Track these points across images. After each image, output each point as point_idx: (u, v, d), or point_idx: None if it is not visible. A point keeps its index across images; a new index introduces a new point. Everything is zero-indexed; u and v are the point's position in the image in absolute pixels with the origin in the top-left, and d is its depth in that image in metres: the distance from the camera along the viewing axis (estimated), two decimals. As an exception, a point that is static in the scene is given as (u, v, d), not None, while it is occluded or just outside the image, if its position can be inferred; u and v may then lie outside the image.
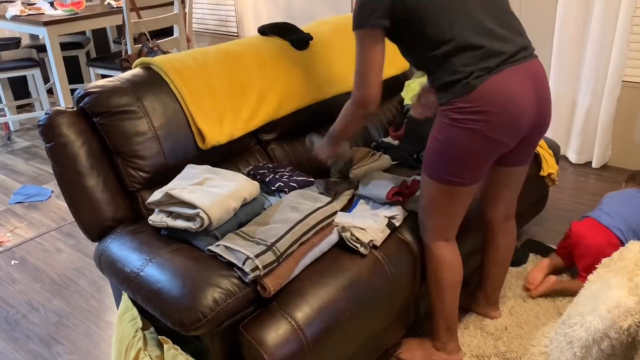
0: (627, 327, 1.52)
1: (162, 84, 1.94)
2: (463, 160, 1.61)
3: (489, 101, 1.53)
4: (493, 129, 1.56)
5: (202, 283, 1.48)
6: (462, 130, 1.57)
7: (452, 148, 1.60)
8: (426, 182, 1.73)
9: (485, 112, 1.54)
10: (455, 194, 1.69)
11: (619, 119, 3.29)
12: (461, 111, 1.56)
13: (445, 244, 1.80)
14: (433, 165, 1.67)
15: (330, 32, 2.46)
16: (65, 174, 1.80)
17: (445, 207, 1.73)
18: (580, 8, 3.16)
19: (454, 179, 1.65)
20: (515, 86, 1.55)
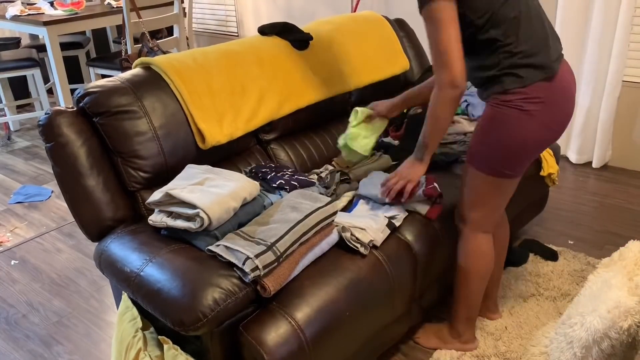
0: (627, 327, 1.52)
1: (162, 84, 1.94)
2: (523, 151, 1.63)
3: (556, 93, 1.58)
4: (558, 121, 1.61)
5: (202, 283, 1.48)
6: (531, 121, 1.58)
7: (515, 140, 1.60)
8: (475, 175, 1.72)
9: (553, 105, 1.58)
10: (504, 186, 1.72)
11: (619, 119, 3.29)
12: (533, 101, 1.56)
13: (483, 236, 1.83)
14: (487, 158, 1.67)
15: (330, 32, 2.46)
16: (65, 174, 1.80)
17: (492, 199, 1.75)
18: (580, 8, 3.16)
19: (507, 171, 1.67)
20: (571, 81, 1.64)
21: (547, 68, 1.56)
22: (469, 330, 1.97)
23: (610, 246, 2.62)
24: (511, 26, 1.54)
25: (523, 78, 1.55)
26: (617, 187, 3.17)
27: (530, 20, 1.56)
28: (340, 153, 2.39)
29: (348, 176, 2.15)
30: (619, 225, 2.79)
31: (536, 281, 2.36)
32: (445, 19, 1.51)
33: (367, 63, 2.53)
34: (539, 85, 1.56)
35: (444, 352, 1.99)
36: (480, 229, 1.82)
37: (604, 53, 3.15)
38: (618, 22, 3.03)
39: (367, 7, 4.08)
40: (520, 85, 1.56)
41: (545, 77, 1.56)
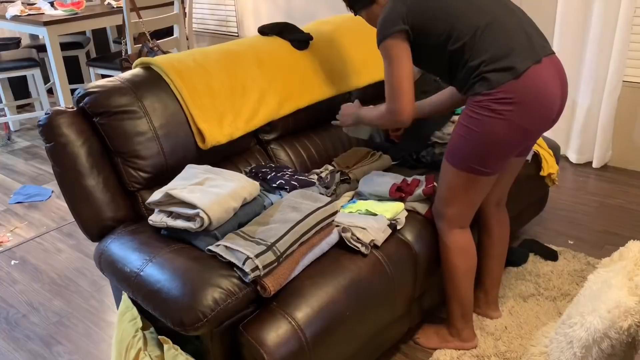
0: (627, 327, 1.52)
1: (162, 84, 1.94)
2: (494, 150, 1.65)
3: (529, 93, 1.59)
4: (530, 121, 1.62)
5: (202, 283, 1.48)
6: (500, 121, 1.61)
7: (486, 139, 1.64)
8: (450, 171, 1.76)
9: (526, 104, 1.60)
10: (477, 183, 1.74)
11: (619, 119, 3.29)
12: (502, 102, 1.59)
13: (460, 232, 1.85)
14: (460, 155, 1.71)
15: (330, 32, 2.46)
16: (65, 174, 1.80)
17: (466, 196, 1.77)
18: (580, 8, 3.16)
19: (481, 169, 1.70)
20: (549, 79, 1.63)
21: (515, 68, 1.59)
22: (467, 327, 1.97)
23: (610, 246, 2.62)
24: (470, 40, 1.62)
25: (490, 81, 1.60)
26: (617, 187, 3.17)
27: (492, 30, 1.62)
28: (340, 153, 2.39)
29: (348, 176, 2.15)
30: (619, 225, 2.79)
31: (536, 281, 2.36)
32: (397, 55, 1.69)
33: (367, 63, 2.53)
34: (507, 86, 1.59)
35: (444, 351, 1.99)
36: (456, 224, 1.84)
37: (604, 53, 3.15)
38: (618, 22, 3.03)
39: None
40: (488, 88, 1.60)
41: (514, 77, 1.59)
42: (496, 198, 1.99)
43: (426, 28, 1.67)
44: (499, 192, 1.98)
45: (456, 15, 1.63)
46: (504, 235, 2.04)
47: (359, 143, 2.48)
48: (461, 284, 1.89)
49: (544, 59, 1.64)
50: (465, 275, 1.88)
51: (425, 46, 1.70)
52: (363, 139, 2.19)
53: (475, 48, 1.62)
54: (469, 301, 1.93)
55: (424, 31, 1.67)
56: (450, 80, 1.76)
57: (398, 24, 1.67)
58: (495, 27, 1.62)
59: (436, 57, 1.71)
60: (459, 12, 1.64)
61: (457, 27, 1.63)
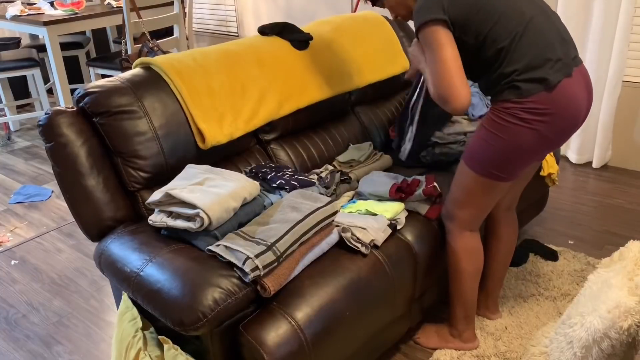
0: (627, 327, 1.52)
1: (162, 84, 1.94)
2: (516, 157, 1.64)
3: (559, 106, 1.57)
4: (556, 131, 1.60)
5: (202, 283, 1.48)
6: (528, 130, 1.59)
7: (510, 146, 1.61)
8: (467, 174, 1.74)
9: (554, 115, 1.57)
10: (493, 188, 1.73)
11: (619, 119, 3.29)
12: (532, 112, 1.57)
13: (470, 235, 1.84)
14: (480, 159, 1.68)
15: (330, 32, 2.46)
16: (65, 174, 1.80)
17: (481, 200, 1.76)
18: (580, 8, 3.16)
19: (499, 174, 1.68)
20: (578, 92, 1.61)
21: (548, 80, 1.55)
22: (468, 329, 1.97)
23: (610, 246, 2.62)
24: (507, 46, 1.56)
25: (522, 90, 1.57)
26: (617, 187, 3.17)
27: (528, 37, 1.56)
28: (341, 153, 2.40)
29: (348, 176, 2.15)
30: (619, 225, 2.79)
31: (536, 281, 2.36)
32: (440, 39, 1.55)
33: (367, 63, 2.52)
34: (538, 97, 1.56)
35: (444, 351, 1.99)
36: (467, 227, 1.83)
37: (604, 53, 3.15)
38: (618, 22, 3.03)
39: (367, 7, 4.08)
40: (519, 96, 1.57)
41: (546, 89, 1.56)
42: (508, 202, 1.98)
43: (466, 25, 1.57)
44: (512, 196, 1.97)
45: (498, 17, 1.56)
46: (511, 239, 2.03)
47: (358, 141, 2.48)
48: (467, 286, 1.88)
49: (575, 70, 1.61)
50: (471, 277, 1.87)
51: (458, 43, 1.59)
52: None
53: (510, 55, 1.56)
54: (473, 303, 1.93)
55: (464, 28, 1.58)
56: (473, 78, 1.70)
57: (439, 13, 1.55)
58: (533, 35, 1.56)
59: (467, 57, 1.62)
60: (500, 13, 1.56)
61: (497, 30, 1.56)
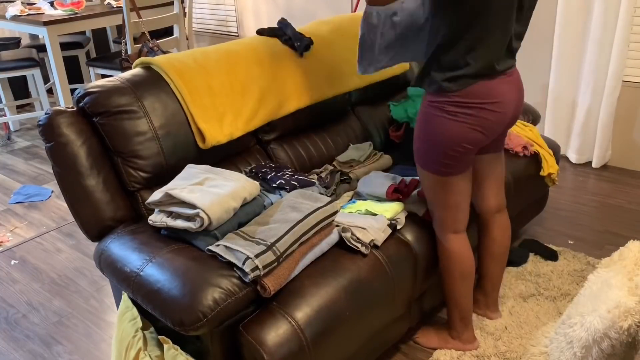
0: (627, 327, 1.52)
1: (162, 84, 1.94)
2: (450, 150, 1.67)
3: (484, 99, 1.62)
4: (482, 125, 1.65)
5: (202, 283, 1.48)
6: (453, 123, 1.64)
7: (441, 139, 1.66)
8: (421, 173, 1.80)
9: (480, 109, 1.63)
10: (448, 184, 1.75)
11: (619, 119, 3.29)
12: (457, 105, 1.62)
13: (454, 237, 1.85)
14: (423, 155, 1.75)
15: (329, 33, 2.46)
16: (65, 174, 1.80)
17: (444, 198, 1.78)
18: (580, 8, 3.16)
19: (443, 169, 1.72)
20: (505, 92, 1.67)
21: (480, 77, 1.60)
22: (466, 330, 1.97)
23: (610, 246, 2.62)
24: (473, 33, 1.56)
25: (455, 84, 1.61)
26: (617, 187, 3.17)
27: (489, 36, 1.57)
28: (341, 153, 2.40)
29: (348, 176, 2.15)
30: (619, 225, 2.79)
31: (536, 281, 2.36)
32: None
33: (367, 63, 2.52)
34: (465, 91, 1.61)
35: (444, 352, 1.99)
36: (448, 229, 1.84)
37: (604, 53, 3.15)
38: (618, 22, 3.03)
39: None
40: (448, 91, 1.62)
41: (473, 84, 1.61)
42: (494, 204, 1.97)
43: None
44: (495, 196, 1.96)
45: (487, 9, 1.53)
46: (505, 240, 2.02)
47: (358, 140, 2.48)
48: (457, 288, 1.88)
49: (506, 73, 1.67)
50: (461, 280, 1.87)
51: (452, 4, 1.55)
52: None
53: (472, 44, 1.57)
54: (467, 306, 1.92)
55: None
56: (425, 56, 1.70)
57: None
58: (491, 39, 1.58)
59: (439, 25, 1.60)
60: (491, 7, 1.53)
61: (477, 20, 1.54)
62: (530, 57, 3.47)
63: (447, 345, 2.00)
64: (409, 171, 2.15)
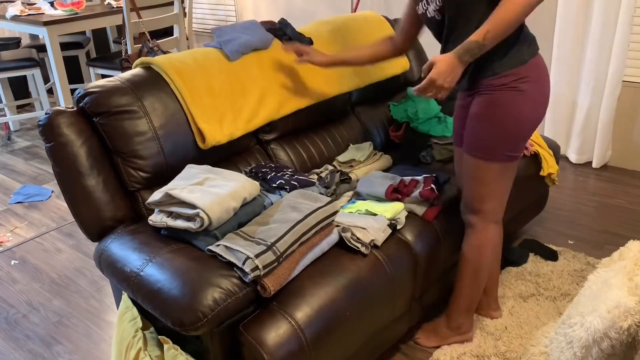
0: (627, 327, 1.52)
1: (162, 84, 1.94)
2: (523, 130, 1.66)
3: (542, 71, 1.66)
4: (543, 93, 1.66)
5: (202, 283, 1.48)
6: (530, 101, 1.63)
7: (518, 122, 1.65)
8: (479, 167, 1.73)
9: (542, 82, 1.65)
10: (509, 170, 1.74)
11: (619, 119, 3.29)
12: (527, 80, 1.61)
13: (495, 227, 1.85)
14: (492, 145, 1.69)
15: (329, 33, 2.46)
16: (65, 174, 1.80)
17: (501, 186, 1.77)
18: (580, 8, 3.16)
19: (514, 154, 1.70)
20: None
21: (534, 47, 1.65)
22: (467, 321, 1.99)
23: (610, 246, 2.62)
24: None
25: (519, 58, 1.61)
26: (617, 187, 3.17)
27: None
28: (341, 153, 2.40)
29: (348, 176, 2.15)
30: (619, 225, 2.79)
31: (536, 281, 2.36)
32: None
33: (367, 63, 2.52)
34: (527, 65, 1.62)
35: (444, 352, 1.99)
36: (493, 219, 1.83)
37: (604, 53, 3.15)
38: (618, 22, 3.03)
39: (367, 7, 4.08)
40: (510, 68, 1.61)
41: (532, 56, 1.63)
42: None
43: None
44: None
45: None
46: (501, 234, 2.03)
47: (358, 141, 2.48)
48: (481, 279, 1.90)
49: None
50: (488, 270, 1.89)
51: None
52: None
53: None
54: (479, 297, 1.95)
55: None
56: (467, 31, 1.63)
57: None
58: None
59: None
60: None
61: None
62: (530, 57, 3.46)
63: (447, 340, 2.00)
64: (409, 171, 2.15)
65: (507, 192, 1.81)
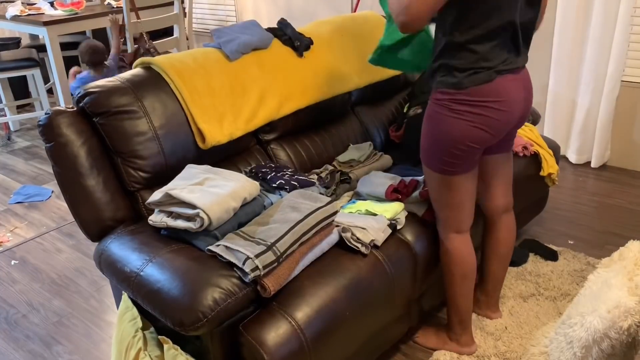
0: (627, 327, 1.52)
1: (162, 84, 1.94)
2: (454, 149, 1.66)
3: (490, 98, 1.60)
4: (488, 124, 1.63)
5: (202, 283, 1.48)
6: (458, 121, 1.62)
7: (445, 138, 1.65)
8: (426, 172, 1.78)
9: (486, 108, 1.61)
10: (452, 184, 1.74)
11: (618, 119, 3.29)
12: (462, 103, 1.60)
13: (456, 236, 1.83)
14: (428, 154, 1.73)
15: (330, 33, 2.46)
16: (65, 174, 1.80)
17: (448, 197, 1.77)
18: (580, 8, 3.16)
19: (447, 168, 1.70)
20: (513, 91, 1.64)
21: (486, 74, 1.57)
22: (465, 334, 1.96)
23: (610, 246, 2.62)
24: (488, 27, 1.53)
25: (458, 82, 1.59)
26: (616, 187, 3.17)
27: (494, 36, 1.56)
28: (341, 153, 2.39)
29: (348, 176, 2.15)
30: (619, 225, 2.80)
31: (536, 281, 2.36)
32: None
33: (367, 63, 2.52)
34: (473, 90, 1.58)
35: (444, 352, 1.99)
36: (451, 229, 1.82)
37: (603, 53, 3.15)
38: (617, 22, 3.03)
39: (367, 7, 4.08)
40: (453, 89, 1.60)
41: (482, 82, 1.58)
42: (502, 204, 1.95)
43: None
44: (503, 196, 1.95)
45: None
46: (509, 242, 2.02)
47: (358, 141, 2.48)
48: (457, 289, 1.87)
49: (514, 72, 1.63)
50: (462, 280, 1.86)
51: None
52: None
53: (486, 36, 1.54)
54: (467, 308, 1.91)
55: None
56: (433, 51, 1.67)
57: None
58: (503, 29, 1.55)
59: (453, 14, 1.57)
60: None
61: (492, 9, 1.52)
62: (530, 57, 3.47)
63: (445, 346, 2.00)
64: (409, 171, 2.15)
65: (460, 206, 1.78)
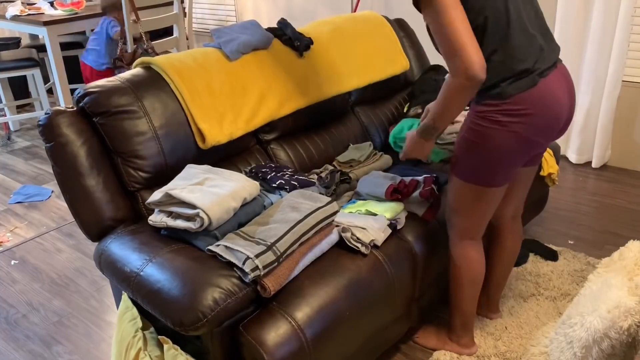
0: (627, 327, 1.52)
1: (162, 84, 1.94)
2: (499, 162, 1.59)
3: (536, 104, 1.53)
4: (535, 132, 1.56)
5: (202, 283, 1.48)
6: (505, 133, 1.54)
7: (490, 150, 1.58)
8: (456, 183, 1.71)
9: (532, 115, 1.53)
10: (486, 195, 1.68)
11: (618, 119, 3.29)
12: (508, 113, 1.53)
13: (470, 243, 1.81)
14: (463, 166, 1.66)
15: (330, 33, 2.46)
16: (65, 174, 1.80)
17: (475, 207, 1.72)
18: (580, 8, 3.16)
19: (488, 180, 1.64)
20: (558, 90, 1.56)
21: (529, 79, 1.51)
22: (466, 335, 1.96)
23: (610, 246, 2.62)
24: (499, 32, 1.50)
25: (501, 92, 1.52)
26: (616, 187, 3.17)
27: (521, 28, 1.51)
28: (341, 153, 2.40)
29: (348, 176, 2.15)
30: (619, 225, 2.79)
31: (536, 281, 2.36)
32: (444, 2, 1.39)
33: (367, 63, 2.52)
34: (517, 98, 1.52)
35: (444, 352, 1.99)
36: (466, 236, 1.80)
37: (604, 53, 3.15)
38: (618, 22, 3.03)
39: (367, 7, 4.08)
40: (495, 98, 1.53)
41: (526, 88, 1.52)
42: (512, 210, 1.95)
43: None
44: (515, 203, 1.93)
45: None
46: (515, 247, 2.01)
47: (358, 141, 2.48)
48: (464, 294, 1.87)
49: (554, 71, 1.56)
50: (469, 286, 1.85)
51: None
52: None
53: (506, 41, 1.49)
54: (471, 312, 1.91)
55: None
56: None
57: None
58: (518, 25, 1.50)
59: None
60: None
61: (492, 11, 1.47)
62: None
63: (445, 346, 2.00)
64: (409, 171, 2.15)
65: (484, 215, 1.74)
